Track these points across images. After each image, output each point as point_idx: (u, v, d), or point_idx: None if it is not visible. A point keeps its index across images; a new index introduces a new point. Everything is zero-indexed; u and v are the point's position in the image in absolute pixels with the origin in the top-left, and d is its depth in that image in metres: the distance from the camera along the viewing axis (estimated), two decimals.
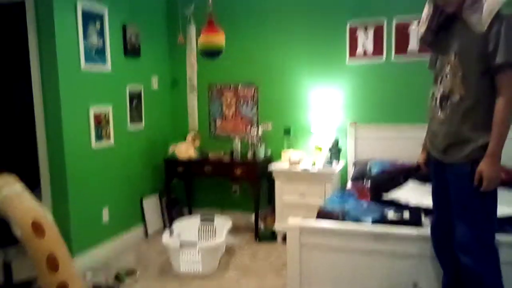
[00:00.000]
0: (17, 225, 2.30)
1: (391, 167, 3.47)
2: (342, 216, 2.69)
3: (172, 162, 4.29)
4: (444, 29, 2.00)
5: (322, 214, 2.81)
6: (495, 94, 1.80)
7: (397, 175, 3.34)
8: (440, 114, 1.97)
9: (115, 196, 3.91)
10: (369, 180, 3.36)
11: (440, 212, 2.15)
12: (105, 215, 3.78)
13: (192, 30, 4.08)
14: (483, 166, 1.80)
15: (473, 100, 1.85)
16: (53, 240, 2.36)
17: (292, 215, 3.60)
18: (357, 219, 2.62)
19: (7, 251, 2.93)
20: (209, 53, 3.40)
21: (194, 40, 3.99)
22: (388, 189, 3.16)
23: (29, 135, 3.80)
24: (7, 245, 2.79)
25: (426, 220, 2.52)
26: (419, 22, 2.18)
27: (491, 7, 1.76)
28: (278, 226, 3.94)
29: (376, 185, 3.21)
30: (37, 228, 2.33)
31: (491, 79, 1.81)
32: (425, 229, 2.37)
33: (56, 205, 3.41)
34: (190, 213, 4.68)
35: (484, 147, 1.82)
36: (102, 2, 3.65)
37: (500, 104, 1.77)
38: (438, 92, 1.99)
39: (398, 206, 2.76)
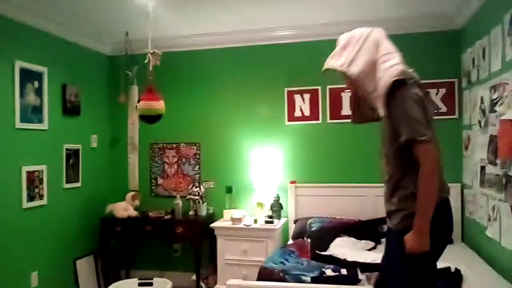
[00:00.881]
0: None
1: (330, 224, 3.59)
2: (283, 274, 2.71)
3: (109, 221, 4.14)
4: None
5: (263, 272, 2.81)
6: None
7: (335, 231, 3.48)
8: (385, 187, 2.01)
9: (46, 258, 3.68)
10: (309, 237, 3.43)
11: (382, 272, 2.19)
12: (34, 279, 3.53)
13: (134, 90, 4.12)
14: (408, 236, 1.79)
15: (399, 175, 1.89)
16: None
17: (234, 274, 3.61)
18: (297, 277, 2.65)
19: None
20: (148, 118, 3.46)
21: (136, 100, 4.01)
22: (326, 245, 3.26)
23: None
24: None
25: (363, 276, 2.60)
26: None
27: (380, 92, 1.84)
28: (220, 286, 3.86)
29: (315, 242, 3.29)
30: None
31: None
32: (362, 287, 2.44)
33: None
34: (127, 275, 4.46)
35: (413, 215, 1.80)
36: (42, 62, 3.63)
37: (419, 176, 1.77)
38: None
39: (337, 263, 2.83)
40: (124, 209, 4.12)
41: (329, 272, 2.63)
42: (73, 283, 4.00)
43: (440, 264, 2.56)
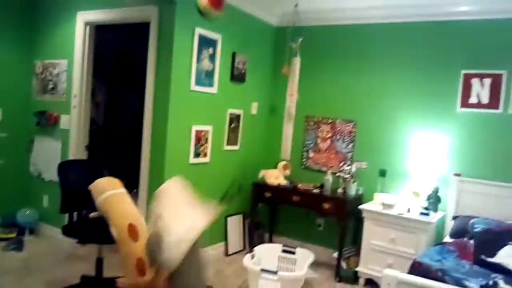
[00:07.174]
0: (115, 225, 2.43)
1: (498, 228, 3.17)
2: (441, 274, 2.49)
3: (260, 186, 4.33)
4: None
5: (418, 268, 2.63)
6: None
7: (504, 237, 3.07)
8: None
9: None
10: (472, 239, 3.09)
11: None
12: None
13: (297, 62, 4.12)
14: None
15: None
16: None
17: (379, 261, 3.49)
18: (459, 282, 2.41)
19: (102, 248, 3.15)
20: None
21: (297, 72, 4.02)
22: (493, 251, 2.90)
23: (135, 144, 4.08)
24: (103, 242, 2.98)
25: None
26: None
27: None
28: (361, 269, 3.77)
29: (480, 245, 2.96)
30: (132, 232, 2.44)
31: None
32: None
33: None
34: (270, 239, 4.68)
35: None
36: (217, 30, 3.85)
37: None
38: None
39: (507, 273, 2.50)
40: (275, 176, 4.27)
41: (502, 284, 2.32)
42: (223, 237, 4.34)
43: None
